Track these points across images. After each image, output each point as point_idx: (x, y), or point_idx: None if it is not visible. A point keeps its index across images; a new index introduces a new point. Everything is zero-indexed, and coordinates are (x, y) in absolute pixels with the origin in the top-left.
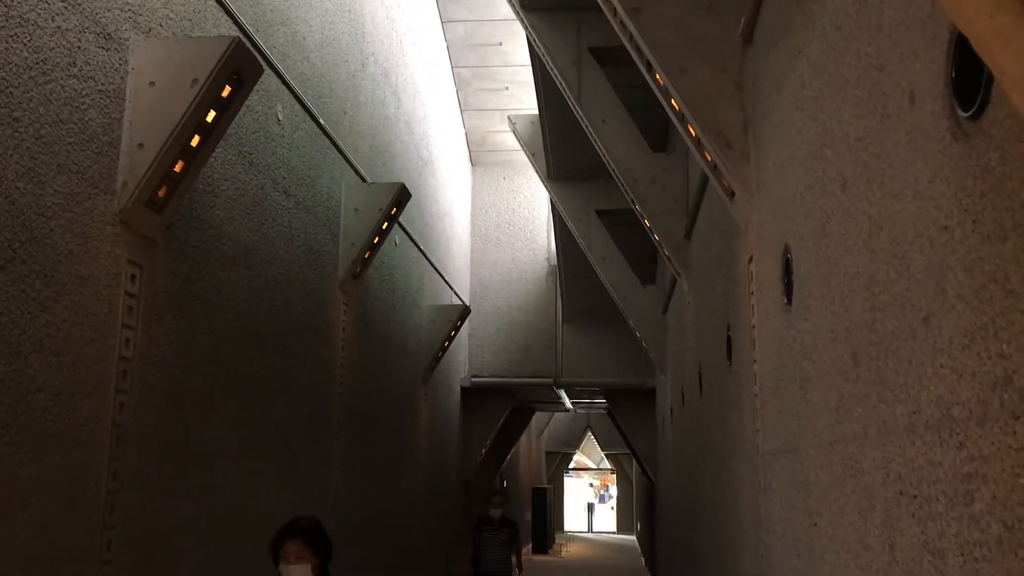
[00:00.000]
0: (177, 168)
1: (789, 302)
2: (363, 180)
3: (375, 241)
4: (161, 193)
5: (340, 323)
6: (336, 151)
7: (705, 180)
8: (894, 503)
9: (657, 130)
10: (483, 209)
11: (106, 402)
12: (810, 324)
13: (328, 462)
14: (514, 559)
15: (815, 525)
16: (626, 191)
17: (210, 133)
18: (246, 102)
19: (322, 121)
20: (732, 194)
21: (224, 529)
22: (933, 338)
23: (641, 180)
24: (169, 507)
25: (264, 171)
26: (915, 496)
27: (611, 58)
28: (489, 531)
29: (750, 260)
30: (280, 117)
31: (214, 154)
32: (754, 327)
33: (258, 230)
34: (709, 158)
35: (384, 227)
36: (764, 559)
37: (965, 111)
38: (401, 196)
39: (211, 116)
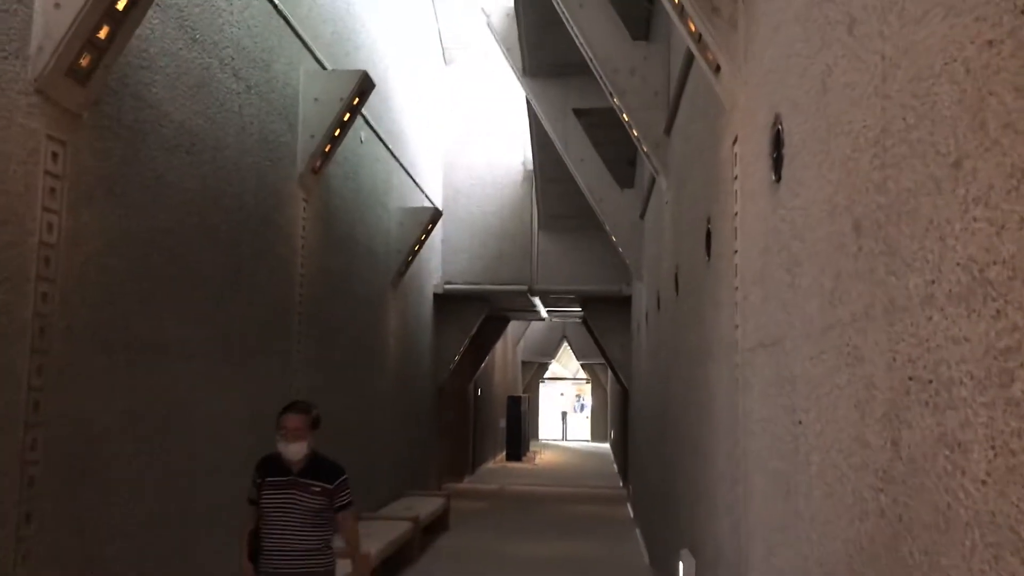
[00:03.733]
0: (101, 34)
1: (778, 179)
2: (323, 68)
3: (336, 133)
4: (84, 62)
5: (299, 220)
6: (293, 34)
7: (688, 64)
8: (902, 391)
9: (638, 18)
10: (457, 109)
11: (25, 290)
12: (802, 199)
13: (289, 364)
14: (358, 552)
15: (800, 423)
16: (604, 83)
17: None
18: None
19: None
20: (717, 68)
21: (169, 429)
22: (964, 187)
23: (620, 70)
24: (106, 406)
25: (210, 49)
26: (930, 381)
27: None
28: (277, 487)
29: (734, 141)
30: None
31: (150, 25)
32: (736, 214)
33: (204, 113)
34: (693, 28)
35: (346, 119)
36: (741, 461)
37: None
38: (364, 85)
39: None
